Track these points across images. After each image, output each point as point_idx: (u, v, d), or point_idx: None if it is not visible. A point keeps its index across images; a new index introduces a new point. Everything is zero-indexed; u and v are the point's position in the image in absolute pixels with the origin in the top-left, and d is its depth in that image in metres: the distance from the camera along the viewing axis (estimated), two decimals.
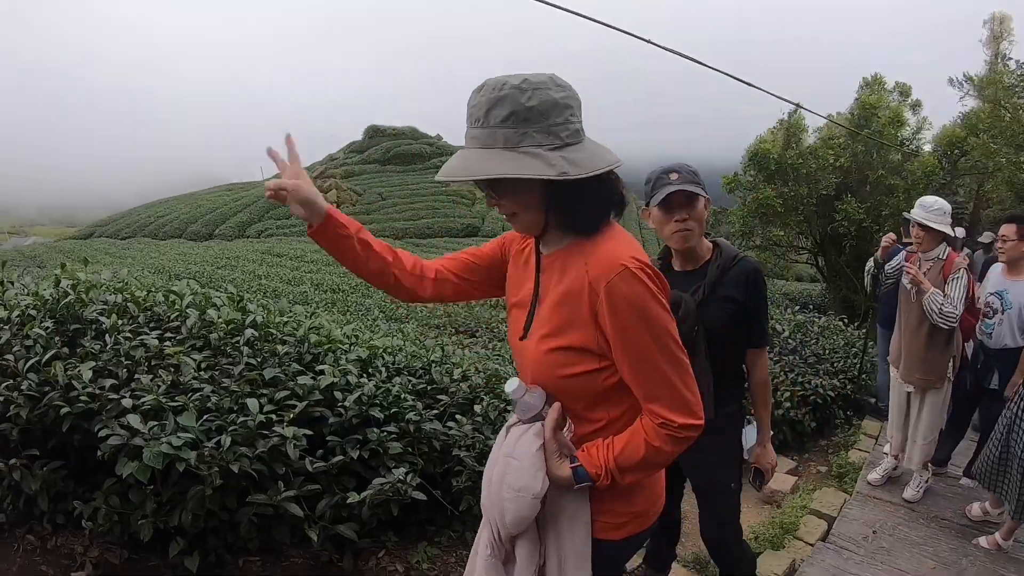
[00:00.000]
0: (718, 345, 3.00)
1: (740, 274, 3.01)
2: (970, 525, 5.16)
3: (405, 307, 14.27)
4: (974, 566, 4.62)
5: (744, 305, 3.01)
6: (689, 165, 2.92)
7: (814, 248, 16.80)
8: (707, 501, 3.37)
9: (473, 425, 3.94)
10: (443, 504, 3.72)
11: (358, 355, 4.07)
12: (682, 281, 3.06)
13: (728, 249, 3.09)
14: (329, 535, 3.24)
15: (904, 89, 17.44)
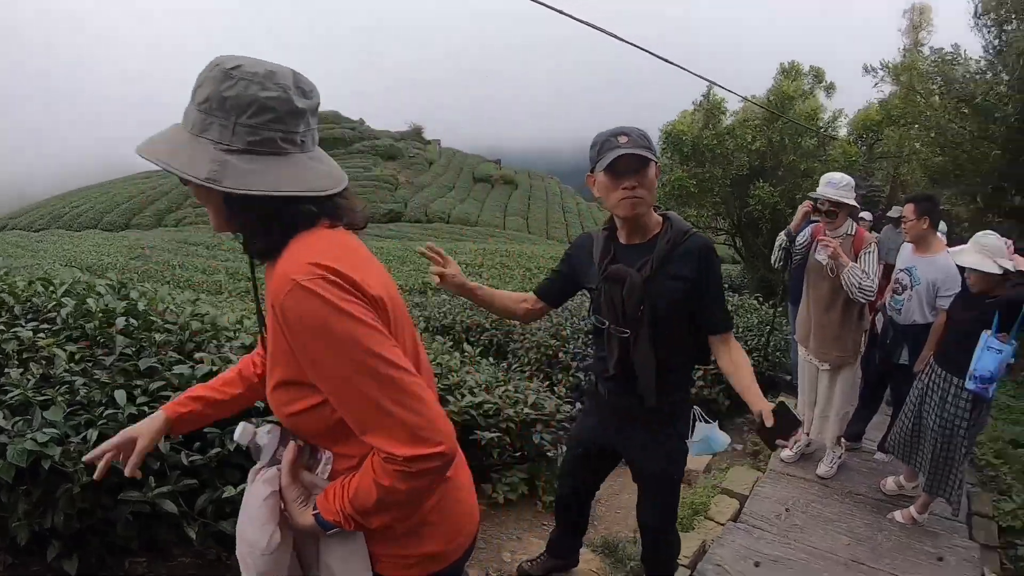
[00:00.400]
0: (665, 325, 2.82)
1: (691, 250, 2.78)
2: (885, 499, 5.21)
3: None
4: (889, 540, 4.65)
5: (696, 284, 2.77)
6: (637, 129, 2.69)
7: (732, 229, 17.06)
8: (650, 491, 3.21)
9: None
10: None
11: (243, 342, 3.86)
12: (628, 255, 2.86)
13: (679, 223, 2.85)
14: (212, 532, 3.06)
15: (818, 72, 17.80)
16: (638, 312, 2.79)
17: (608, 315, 2.91)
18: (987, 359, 4.14)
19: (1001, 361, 4.12)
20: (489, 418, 4.46)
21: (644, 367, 2.85)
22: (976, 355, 4.20)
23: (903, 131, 13.54)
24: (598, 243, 2.97)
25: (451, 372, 4.91)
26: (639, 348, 2.85)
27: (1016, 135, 8.76)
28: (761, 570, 4.15)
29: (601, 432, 3.22)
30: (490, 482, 4.61)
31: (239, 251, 16.08)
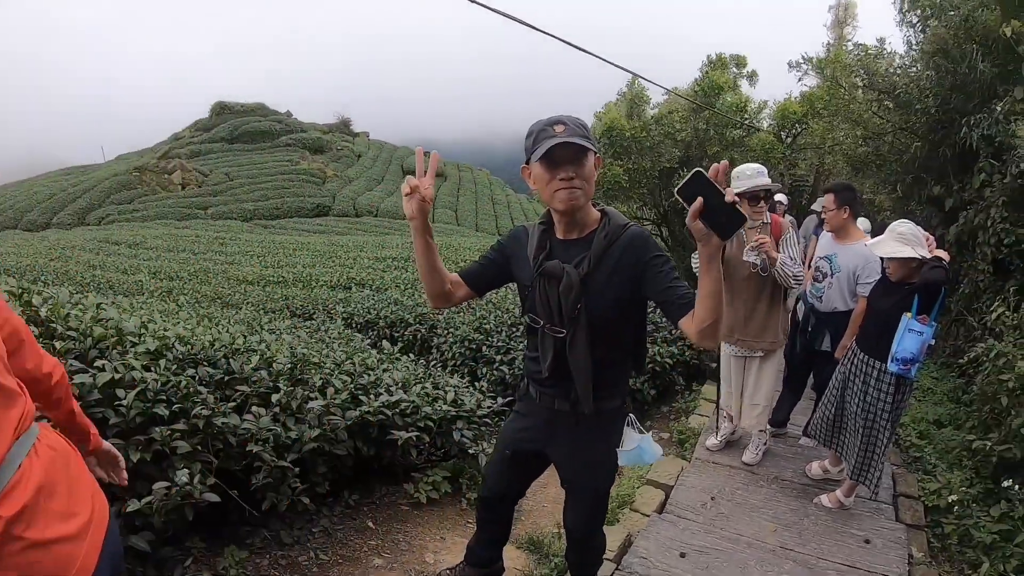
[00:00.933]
0: (603, 325, 2.66)
1: (629, 244, 2.61)
2: (811, 484, 5.22)
3: (241, 292, 13.83)
4: (816, 525, 4.66)
5: (642, 274, 2.57)
6: (575, 118, 2.53)
7: (658, 220, 17.26)
8: (580, 500, 3.08)
9: (272, 416, 3.60)
10: (242, 506, 3.40)
11: (147, 347, 3.65)
12: (565, 251, 2.70)
13: (617, 218, 2.70)
14: (124, 548, 2.88)
15: (740, 61, 18.06)
16: (575, 311, 2.64)
17: (543, 314, 2.73)
18: (909, 341, 4.18)
19: (923, 343, 4.17)
20: (406, 417, 4.31)
21: (580, 369, 2.71)
22: (897, 338, 4.23)
23: (826, 123, 13.79)
24: (533, 237, 2.80)
25: (368, 370, 4.77)
26: (575, 349, 2.69)
27: (936, 126, 8.95)
28: (687, 561, 4.09)
29: (531, 435, 3.03)
30: (411, 481, 4.49)
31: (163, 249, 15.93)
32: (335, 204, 51.85)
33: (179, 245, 27.48)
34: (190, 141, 65.17)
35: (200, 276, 18.02)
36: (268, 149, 62.64)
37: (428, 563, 3.90)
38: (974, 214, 7.73)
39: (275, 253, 24.09)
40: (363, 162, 64.85)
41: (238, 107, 70.14)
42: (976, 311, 7.54)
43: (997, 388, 5.25)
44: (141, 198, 50.20)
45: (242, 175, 55.77)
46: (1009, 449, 4.86)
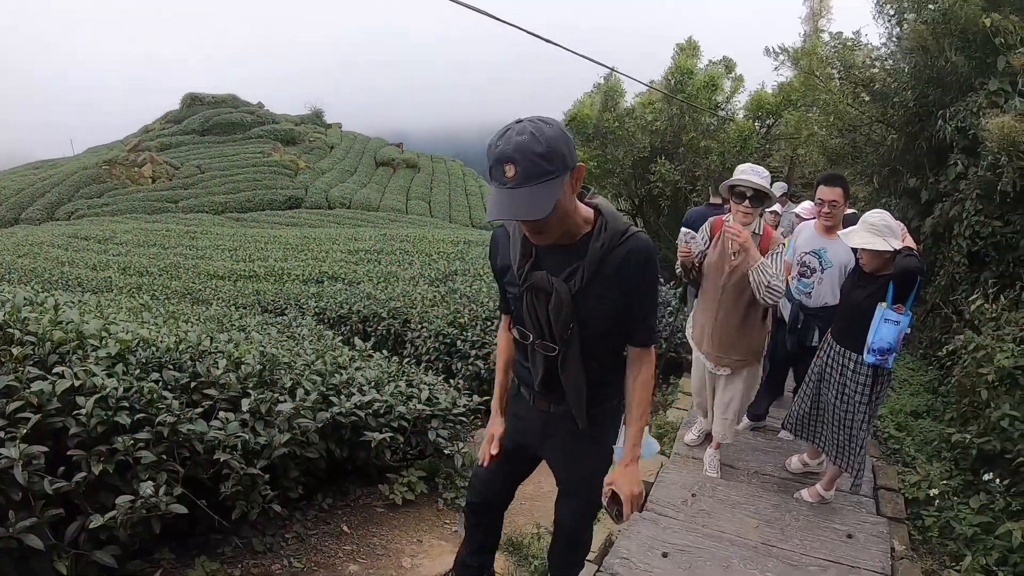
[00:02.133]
0: (597, 341, 2.52)
1: (629, 256, 2.38)
2: (791, 479, 5.22)
3: (212, 287, 13.68)
4: (797, 520, 4.64)
5: (632, 295, 2.44)
6: (537, 139, 2.06)
7: (632, 210, 17.30)
8: (574, 496, 2.98)
9: (241, 422, 3.49)
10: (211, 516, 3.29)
11: (109, 351, 3.53)
12: (553, 259, 2.43)
13: (615, 221, 2.40)
14: (88, 563, 2.79)
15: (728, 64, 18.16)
16: (567, 331, 2.46)
17: (531, 328, 2.54)
18: (885, 331, 4.16)
19: (899, 332, 4.16)
20: (380, 417, 4.22)
21: (575, 389, 2.57)
22: (873, 328, 4.22)
23: (801, 113, 13.83)
24: (515, 240, 2.50)
25: (340, 369, 4.67)
26: (568, 368, 2.55)
27: (913, 119, 8.97)
28: (669, 561, 4.04)
29: (525, 438, 2.91)
30: (386, 483, 4.40)
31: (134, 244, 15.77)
32: (307, 196, 51.56)
33: (149, 240, 27.16)
34: (160, 133, 64.50)
35: (170, 271, 17.83)
36: (240, 141, 62.08)
37: (405, 567, 3.82)
38: (950, 206, 7.74)
39: (246, 247, 23.88)
40: (336, 153, 64.49)
41: (209, 98, 69.32)
42: (952, 303, 7.55)
43: (976, 381, 5.24)
44: (111, 192, 49.64)
45: (213, 167, 55.29)
46: (988, 441, 4.85)
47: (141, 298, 11.23)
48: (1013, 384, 4.94)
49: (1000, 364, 4.99)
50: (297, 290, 12.38)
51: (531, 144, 2.04)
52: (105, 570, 2.88)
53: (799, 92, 14.27)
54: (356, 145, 68.74)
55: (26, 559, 2.67)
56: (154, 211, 45.53)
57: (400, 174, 61.83)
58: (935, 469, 5.23)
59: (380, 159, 64.77)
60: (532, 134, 2.05)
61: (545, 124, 2.10)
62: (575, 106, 16.71)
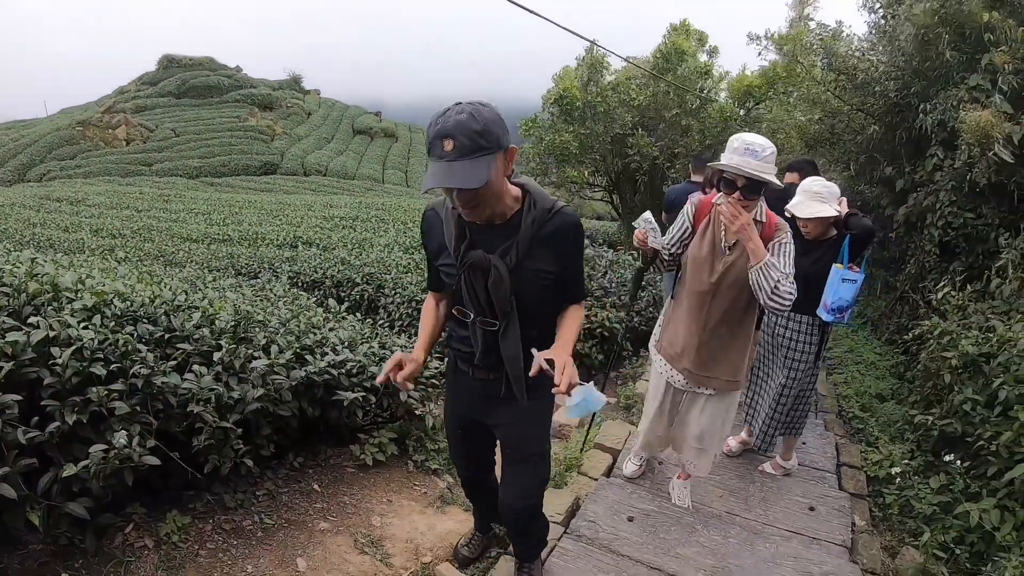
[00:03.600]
0: (535, 310, 2.66)
1: (558, 231, 2.55)
2: (756, 453, 5.24)
3: (185, 250, 13.61)
4: (761, 492, 4.75)
5: (563, 265, 2.61)
6: (475, 118, 2.20)
7: (609, 186, 17.31)
8: (519, 464, 3.04)
9: (214, 376, 3.50)
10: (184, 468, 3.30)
11: (84, 303, 3.53)
12: (487, 238, 2.55)
13: (541, 198, 2.55)
14: (61, 515, 2.81)
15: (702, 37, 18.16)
16: (507, 305, 2.59)
17: (472, 306, 2.68)
18: (844, 290, 4.33)
19: (856, 289, 4.35)
20: (352, 377, 4.22)
21: (514, 360, 2.68)
22: (832, 289, 4.36)
23: (783, 98, 13.88)
24: (448, 223, 2.61)
25: (314, 329, 4.68)
26: (508, 340, 2.67)
27: (893, 109, 9.05)
28: (634, 524, 4.10)
29: (469, 407, 3.04)
30: (357, 443, 4.43)
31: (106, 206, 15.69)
32: (283, 162, 51.25)
33: (122, 202, 26.94)
34: (135, 95, 63.72)
35: (143, 234, 17.72)
36: (216, 104, 61.51)
37: (375, 526, 3.86)
38: (924, 196, 7.83)
39: (221, 211, 23.75)
40: (313, 120, 64.06)
41: (186, 60, 68.44)
42: (921, 290, 7.66)
43: (940, 365, 5.33)
44: (84, 154, 49.11)
45: (188, 131, 54.78)
46: (950, 424, 4.94)
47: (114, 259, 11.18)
48: (976, 370, 5.03)
49: (964, 350, 5.08)
50: (271, 254, 12.36)
51: (469, 122, 2.18)
52: (77, 522, 2.89)
53: (782, 77, 14.32)
54: (334, 112, 68.33)
55: (10, 507, 2.68)
56: (128, 174, 45.11)
57: (378, 143, 61.58)
58: (897, 449, 5.33)
59: (358, 127, 64.44)
60: (470, 114, 2.20)
61: (483, 107, 2.26)
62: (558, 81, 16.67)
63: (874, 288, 10.18)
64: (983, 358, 5.02)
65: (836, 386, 7.38)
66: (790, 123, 12.92)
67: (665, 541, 3.97)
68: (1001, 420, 4.51)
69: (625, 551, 3.84)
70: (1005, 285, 5.87)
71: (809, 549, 4.06)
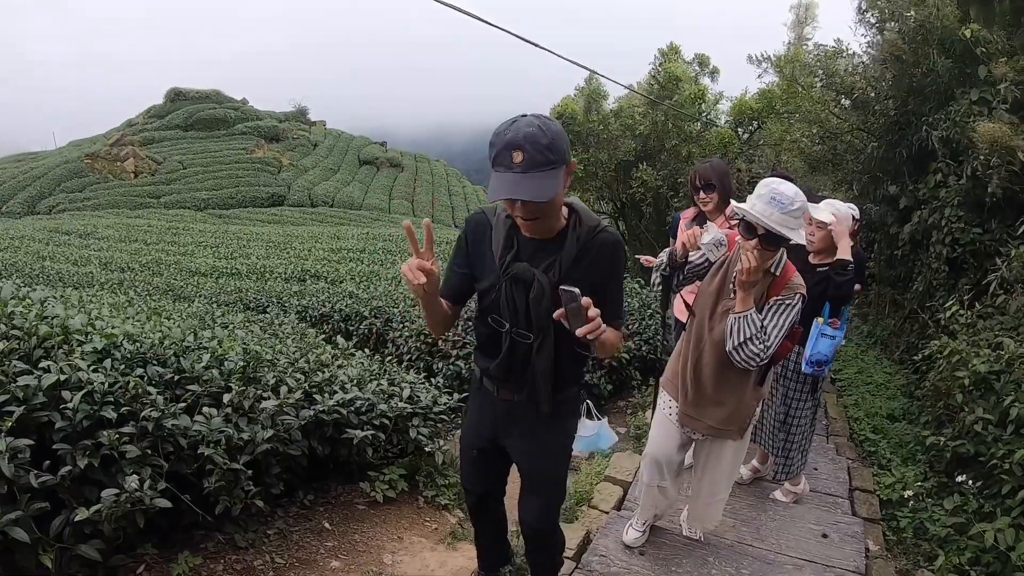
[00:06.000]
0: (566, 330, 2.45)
1: (601, 249, 2.56)
2: (768, 482, 5.22)
3: (194, 284, 13.64)
4: (773, 521, 4.70)
5: (602, 283, 2.55)
6: (544, 131, 2.22)
7: (615, 213, 17.43)
8: (537, 491, 3.05)
9: (224, 417, 3.51)
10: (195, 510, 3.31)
11: (95, 346, 3.55)
12: (533, 252, 2.57)
13: (588, 217, 2.57)
14: (73, 556, 2.80)
15: (703, 59, 18.29)
16: (546, 320, 2.52)
17: (508, 317, 2.63)
18: (822, 345, 4.38)
19: (835, 345, 4.41)
20: (362, 415, 4.23)
21: (542, 374, 2.67)
22: (811, 343, 4.42)
23: (784, 120, 13.97)
24: (498, 231, 2.61)
25: (323, 367, 4.69)
26: (542, 355, 2.64)
27: (893, 127, 9.11)
28: (645, 559, 4.06)
29: (490, 428, 2.98)
30: (367, 480, 4.42)
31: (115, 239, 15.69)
32: (290, 194, 51.52)
33: (131, 235, 27.08)
34: (143, 128, 64.22)
35: (152, 267, 17.76)
36: (223, 137, 61.97)
37: (386, 564, 3.83)
38: (928, 213, 7.87)
39: (229, 244, 23.84)
40: (319, 151, 64.40)
41: (193, 93, 69.09)
42: (929, 308, 7.66)
43: (951, 384, 5.33)
44: (92, 186, 49.45)
45: (196, 163, 55.17)
46: (963, 444, 4.93)
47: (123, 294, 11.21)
48: (988, 389, 5.03)
49: (975, 369, 5.08)
50: (279, 288, 12.38)
51: (538, 135, 2.20)
52: (88, 564, 2.89)
53: (781, 99, 14.41)
54: (340, 143, 68.68)
55: (11, 552, 2.67)
56: (136, 206, 45.37)
57: (383, 173, 61.85)
58: (910, 471, 5.33)
59: (364, 157, 64.72)
60: (539, 127, 2.21)
61: (549, 120, 2.28)
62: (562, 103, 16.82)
63: (882, 307, 10.18)
64: (993, 376, 5.01)
65: (847, 408, 7.34)
66: (792, 146, 13.00)
67: (677, 574, 3.95)
68: (1013, 438, 4.52)
69: None
70: (1012, 300, 5.87)
71: None
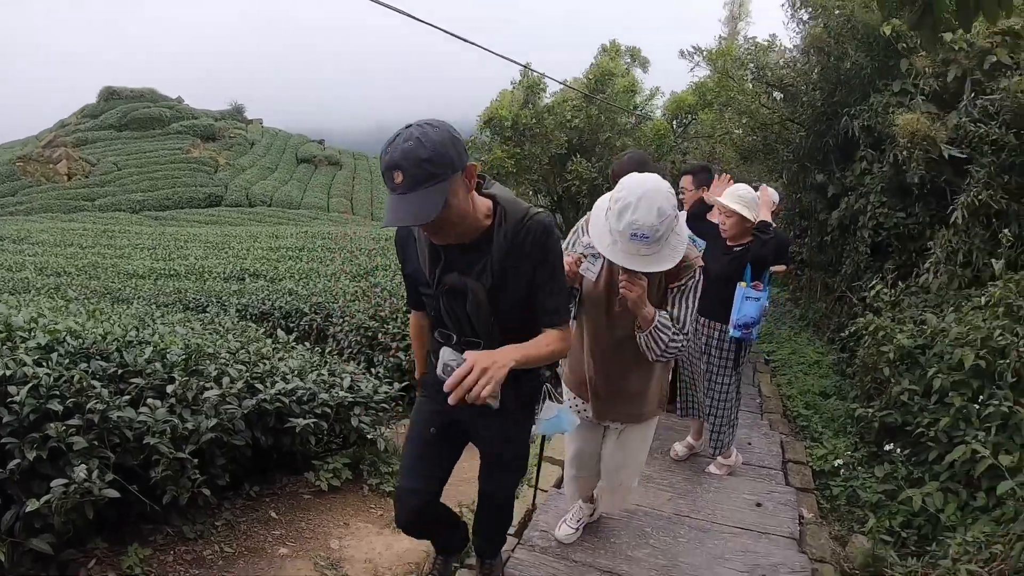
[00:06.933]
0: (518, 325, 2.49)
1: (531, 237, 2.38)
2: (703, 457, 5.35)
3: (132, 287, 13.43)
4: (708, 492, 4.84)
5: (537, 275, 2.44)
6: (423, 144, 2.07)
7: (552, 206, 17.62)
8: (504, 468, 3.03)
9: (168, 408, 3.55)
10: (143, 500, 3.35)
11: (39, 342, 3.58)
12: (461, 258, 2.43)
13: (514, 209, 2.40)
14: (24, 552, 2.84)
15: (634, 52, 18.56)
16: (489, 326, 2.47)
17: (453, 328, 2.56)
18: (748, 307, 4.53)
19: (760, 307, 4.55)
20: (303, 404, 4.28)
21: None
22: (736, 306, 4.57)
23: (717, 113, 14.24)
24: (421, 244, 2.50)
25: (264, 359, 4.73)
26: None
27: (821, 118, 9.38)
28: (586, 531, 4.15)
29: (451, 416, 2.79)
30: (312, 470, 4.47)
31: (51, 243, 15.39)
32: (228, 194, 50.77)
33: (66, 239, 26.49)
34: (76, 128, 62.73)
35: (89, 271, 17.38)
36: (158, 137, 60.77)
37: (333, 549, 3.88)
38: (855, 200, 8.14)
39: (166, 245, 23.47)
40: (257, 150, 63.52)
41: (127, 92, 67.54)
42: (856, 289, 7.90)
43: (878, 359, 5.54)
44: (25, 190, 48.32)
45: (131, 164, 54.05)
46: (890, 415, 5.15)
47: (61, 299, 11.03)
48: (912, 362, 5.24)
49: (900, 343, 5.29)
50: (219, 287, 12.23)
51: (416, 150, 2.07)
52: (41, 559, 2.91)
53: (713, 92, 14.70)
54: (277, 141, 67.84)
55: None
56: (70, 209, 44.38)
57: (322, 171, 61.27)
58: (841, 443, 5.55)
59: (302, 156, 64.06)
60: (418, 139, 2.08)
61: (432, 128, 2.13)
62: (491, 105, 16.92)
63: (814, 291, 10.46)
64: (919, 350, 5.23)
65: (780, 387, 7.57)
66: (726, 136, 13.27)
67: (616, 545, 4.05)
68: (938, 407, 4.72)
69: (578, 557, 3.92)
70: (935, 279, 6.11)
71: (758, 543, 4.17)
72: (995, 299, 5.06)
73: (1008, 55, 6.40)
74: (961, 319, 5.16)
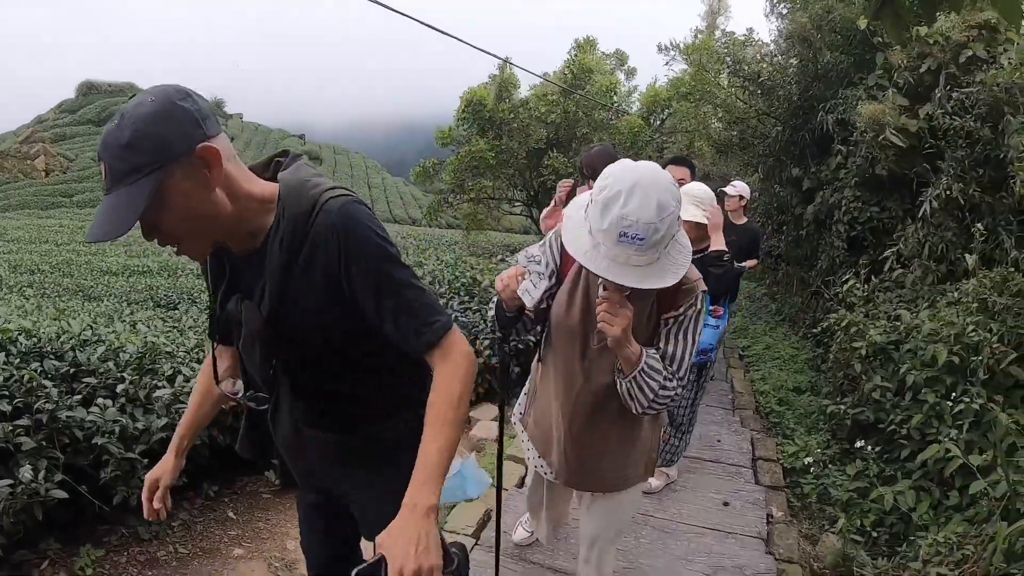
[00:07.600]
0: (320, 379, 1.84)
1: (326, 238, 1.62)
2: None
3: (104, 284, 13.37)
4: (674, 492, 4.78)
5: (353, 291, 1.66)
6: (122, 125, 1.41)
7: (528, 201, 17.62)
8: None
9: (119, 407, 3.47)
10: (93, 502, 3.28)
11: None
12: (246, 274, 1.75)
13: (296, 199, 1.65)
14: None
15: (621, 56, 18.62)
16: (269, 372, 1.80)
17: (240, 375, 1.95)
18: (706, 335, 4.35)
19: (719, 334, 4.54)
20: None
21: (296, 449, 2.02)
22: None
23: (694, 107, 14.27)
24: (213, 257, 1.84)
25: None
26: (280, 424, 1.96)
27: (797, 112, 9.38)
28: None
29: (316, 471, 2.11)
30: (272, 468, 4.41)
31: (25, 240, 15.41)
32: None
33: (41, 236, 26.34)
34: (55, 123, 62.12)
35: (62, 268, 17.30)
36: None
37: (289, 550, 3.84)
38: (830, 194, 8.14)
39: (141, 242, 23.34)
40: (236, 144, 62.47)
41: (107, 87, 66.81)
42: (831, 284, 7.89)
43: (850, 355, 5.50)
44: (1, 186, 47.84)
45: None
46: (862, 411, 5.11)
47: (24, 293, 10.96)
48: (886, 358, 5.20)
49: (872, 339, 5.25)
50: (190, 284, 12.21)
51: (115, 134, 1.43)
52: None
53: (690, 86, 14.74)
54: (257, 136, 67.59)
55: None
56: (47, 206, 43.96)
57: None
58: (813, 440, 5.50)
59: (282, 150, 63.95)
60: (120, 118, 1.44)
61: (148, 100, 1.46)
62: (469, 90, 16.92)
63: (789, 286, 10.45)
64: (892, 346, 5.19)
65: (754, 383, 7.52)
66: (703, 130, 13.30)
67: (574, 547, 3.96)
68: (911, 404, 4.68)
69: (536, 559, 3.87)
70: (909, 274, 6.09)
71: (723, 543, 4.12)
72: (969, 295, 5.03)
73: (984, 49, 6.38)
74: (935, 315, 5.14)
